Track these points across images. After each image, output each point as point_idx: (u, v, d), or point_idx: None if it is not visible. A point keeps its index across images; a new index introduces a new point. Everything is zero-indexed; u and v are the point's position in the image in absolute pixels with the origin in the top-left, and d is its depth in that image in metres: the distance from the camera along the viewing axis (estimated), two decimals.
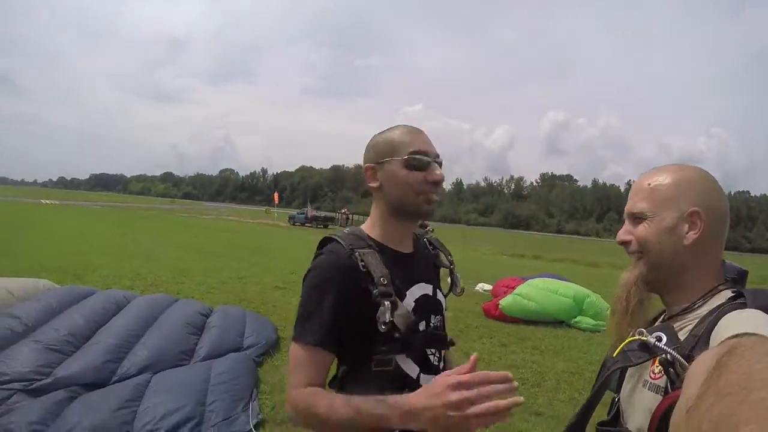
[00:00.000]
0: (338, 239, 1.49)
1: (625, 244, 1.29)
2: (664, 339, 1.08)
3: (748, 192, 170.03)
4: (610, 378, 1.20)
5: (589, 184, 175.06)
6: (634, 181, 1.35)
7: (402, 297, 1.45)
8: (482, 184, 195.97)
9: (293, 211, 59.93)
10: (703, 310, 1.13)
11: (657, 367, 1.11)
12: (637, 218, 1.25)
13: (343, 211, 55.12)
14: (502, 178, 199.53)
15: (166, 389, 4.05)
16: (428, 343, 1.51)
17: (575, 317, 9.24)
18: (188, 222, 37.15)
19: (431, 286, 1.58)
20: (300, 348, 1.39)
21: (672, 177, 1.22)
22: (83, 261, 11.76)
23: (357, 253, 1.43)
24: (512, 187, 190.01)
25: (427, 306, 1.54)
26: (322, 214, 55.66)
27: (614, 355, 1.17)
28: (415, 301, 1.49)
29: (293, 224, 48.07)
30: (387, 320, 1.34)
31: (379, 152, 1.54)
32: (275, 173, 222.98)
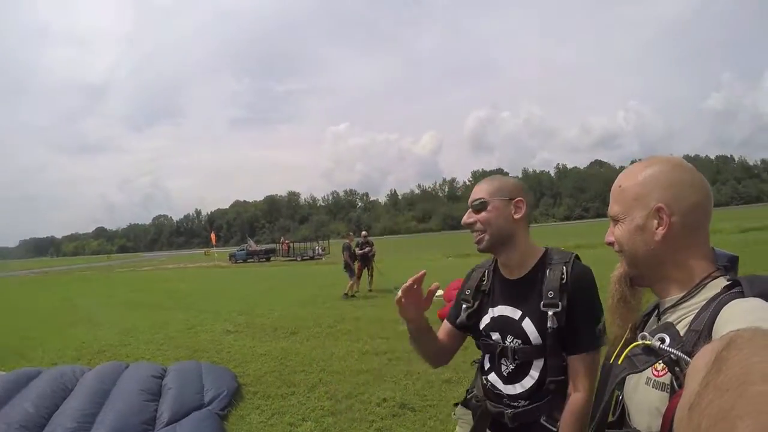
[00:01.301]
0: (480, 263, 2.11)
1: (610, 244, 1.34)
2: (668, 340, 1.08)
3: (671, 155, 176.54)
4: (620, 386, 1.22)
5: (520, 174, 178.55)
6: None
7: (484, 310, 1.96)
8: (416, 191, 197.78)
9: (233, 249, 59.09)
10: (698, 300, 1.13)
11: (660, 363, 1.10)
12: (614, 220, 1.30)
13: (282, 240, 54.69)
14: (435, 183, 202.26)
15: None
16: (494, 351, 1.90)
17: None
18: (127, 277, 36.12)
19: (520, 312, 1.86)
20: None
21: (639, 175, 1.24)
22: (24, 337, 11.26)
23: (475, 270, 2.08)
24: (446, 189, 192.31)
25: (504, 325, 1.88)
26: (263, 247, 55.12)
27: (619, 362, 1.18)
28: (495, 317, 1.91)
29: (235, 262, 47.59)
30: (461, 317, 2.01)
31: None
32: (209, 212, 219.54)
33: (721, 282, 1.13)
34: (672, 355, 1.04)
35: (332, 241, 58.98)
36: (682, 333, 1.08)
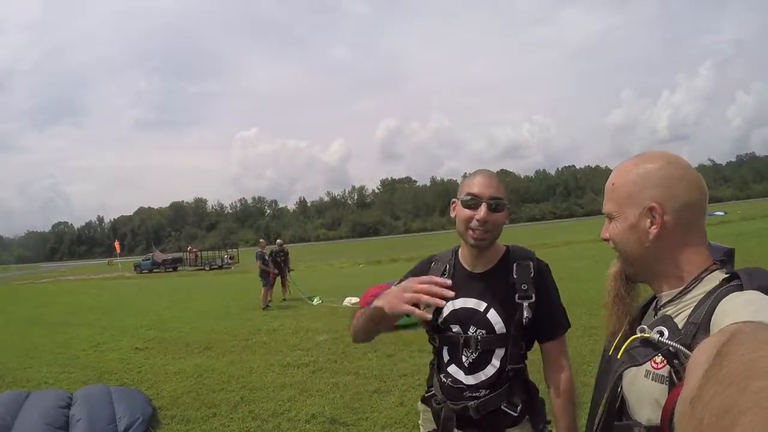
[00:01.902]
0: (435, 254, 2.18)
1: (606, 241, 1.33)
2: (666, 333, 1.08)
3: (574, 165, 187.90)
4: (619, 380, 1.20)
5: (428, 183, 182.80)
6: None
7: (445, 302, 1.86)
8: (326, 198, 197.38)
9: (138, 258, 57.11)
10: (696, 293, 1.13)
11: (658, 356, 1.09)
12: (608, 217, 1.29)
13: (190, 249, 53.36)
14: (345, 190, 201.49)
15: None
16: (455, 343, 1.96)
17: None
18: (26, 290, 34.28)
19: (485, 304, 1.93)
20: None
21: (632, 173, 1.23)
22: None
23: (434, 262, 2.11)
24: (355, 197, 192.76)
25: (468, 318, 1.94)
26: (170, 256, 53.63)
27: (618, 356, 1.17)
28: (456, 309, 1.96)
29: (140, 273, 46.27)
30: (419, 310, 1.76)
31: (459, 189, 2.00)
32: (112, 220, 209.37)
33: (719, 275, 1.13)
34: (671, 348, 1.03)
35: (241, 250, 58.03)
36: (680, 326, 1.08)
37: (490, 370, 1.92)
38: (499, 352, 1.91)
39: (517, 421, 1.94)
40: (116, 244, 59.07)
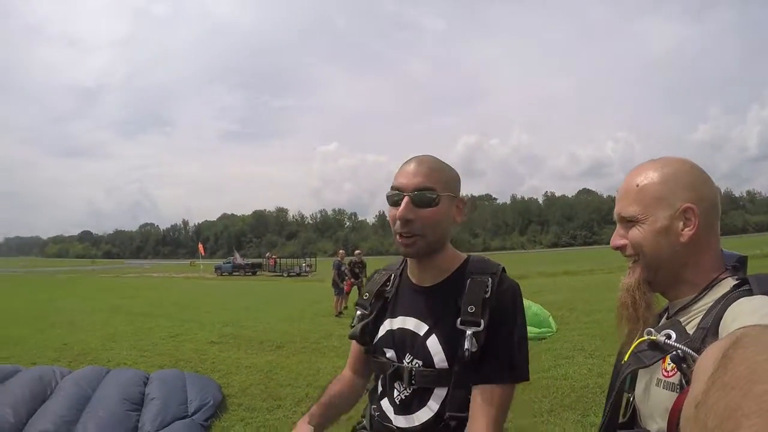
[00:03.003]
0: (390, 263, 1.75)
1: (619, 248, 1.26)
2: (674, 336, 1.07)
3: None
4: (624, 383, 1.20)
5: (508, 200, 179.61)
6: (624, 180, 1.29)
7: (383, 319, 1.59)
8: None
9: (219, 261, 58.77)
10: (708, 301, 1.12)
11: (669, 364, 1.09)
12: (630, 222, 1.23)
13: (268, 255, 54.52)
14: None
15: None
16: (386, 371, 1.53)
17: None
18: (111, 283, 35.89)
19: (426, 327, 1.48)
20: None
21: (659, 174, 1.19)
22: (3, 334, 11.04)
23: (377, 272, 1.73)
24: None
25: (403, 341, 1.52)
26: (249, 261, 54.97)
27: (625, 358, 1.15)
28: (393, 329, 1.54)
29: (221, 275, 47.39)
30: (352, 323, 1.63)
31: None
32: (197, 224, 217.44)
33: (730, 282, 1.12)
34: (679, 351, 1.02)
35: (319, 259, 58.74)
36: (690, 331, 1.07)
37: (424, 415, 1.46)
38: (439, 393, 1.44)
39: None
40: (201, 246, 61.22)
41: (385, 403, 1.55)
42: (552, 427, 4.88)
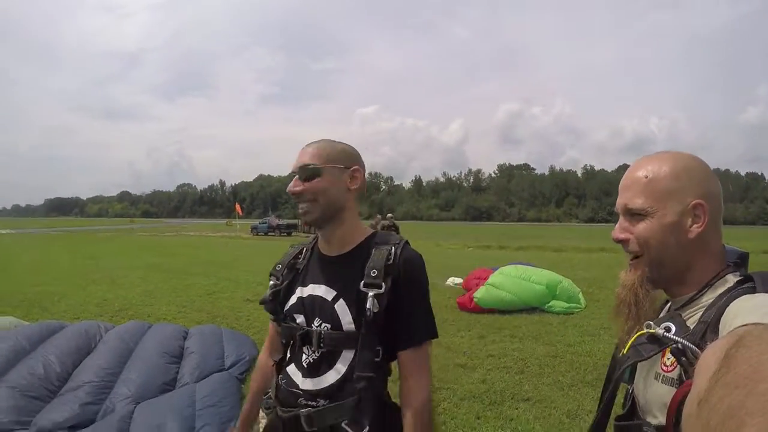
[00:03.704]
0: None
1: (622, 242, 1.25)
2: (673, 329, 1.06)
3: None
4: (623, 375, 1.19)
5: (546, 172, 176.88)
6: (626, 171, 1.29)
7: (293, 288, 1.71)
8: (441, 179, 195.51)
9: (255, 222, 59.31)
10: (710, 297, 1.12)
11: (668, 358, 1.10)
12: (636, 215, 1.20)
13: None
14: (461, 172, 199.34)
15: (152, 419, 3.94)
16: (294, 336, 1.64)
17: (548, 303, 9.34)
18: (150, 241, 36.47)
19: (334, 292, 1.61)
20: None
21: (669, 167, 1.17)
22: (46, 291, 11.43)
23: (292, 246, 1.87)
24: (471, 180, 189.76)
25: (312, 307, 1.63)
26: (285, 222, 55.23)
27: (624, 351, 1.15)
28: (303, 297, 1.66)
29: (256, 234, 47.87)
30: (265, 294, 1.75)
31: None
32: (233, 184, 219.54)
33: (732, 278, 1.12)
34: (679, 345, 1.02)
35: None
36: (691, 326, 1.07)
37: (332, 376, 1.57)
38: (347, 355, 1.56)
39: None
40: (237, 206, 61.69)
41: (291, 368, 1.65)
42: (571, 401, 5.01)
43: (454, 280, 12.55)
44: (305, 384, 1.60)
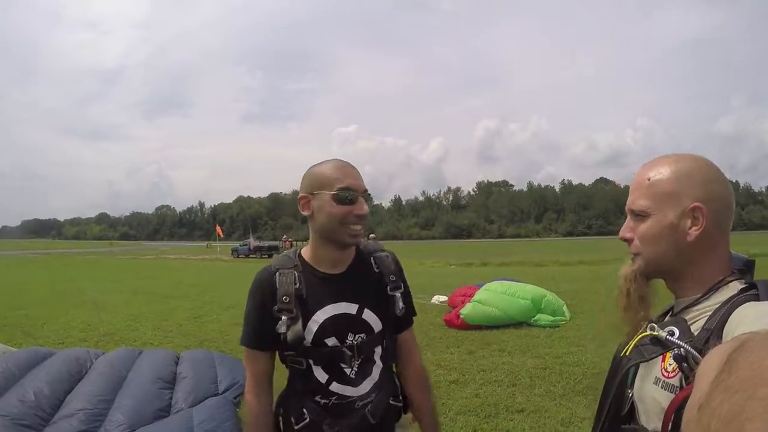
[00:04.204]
0: (272, 263, 1.82)
1: (627, 241, 1.29)
2: (677, 333, 1.09)
3: None
4: (626, 376, 1.24)
5: (525, 188, 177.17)
6: (635, 174, 1.31)
7: (309, 314, 1.72)
8: (420, 198, 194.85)
9: (235, 244, 59.03)
10: (713, 302, 1.12)
11: (670, 364, 1.10)
12: (638, 216, 1.24)
13: (285, 238, 54.66)
14: (440, 191, 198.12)
15: None
16: (335, 358, 1.74)
17: (534, 317, 9.44)
18: (130, 264, 36.26)
19: (357, 305, 1.77)
20: (245, 349, 1.81)
21: (671, 170, 1.20)
22: (28, 315, 11.35)
23: (278, 274, 1.75)
24: (450, 198, 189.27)
25: (344, 325, 1.75)
26: (266, 243, 55.12)
27: (627, 352, 1.19)
28: (327, 318, 1.73)
29: (237, 257, 47.70)
30: (282, 332, 1.66)
31: (313, 184, 1.75)
32: (213, 206, 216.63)
33: (737, 285, 1.13)
34: (681, 350, 1.04)
35: None
36: (694, 332, 1.07)
37: (375, 372, 1.80)
38: (378, 350, 1.81)
39: (401, 412, 1.93)
40: (218, 228, 61.60)
41: (336, 386, 1.74)
42: (563, 410, 5.09)
43: (439, 298, 12.59)
44: (358, 390, 1.76)
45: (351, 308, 1.76)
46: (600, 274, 19.53)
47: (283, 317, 1.68)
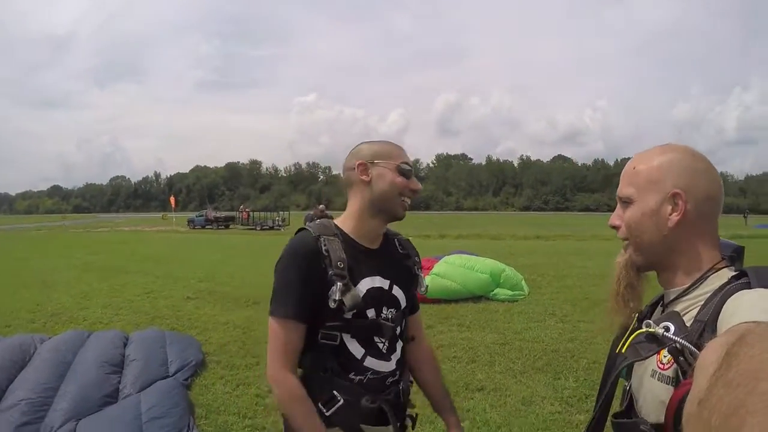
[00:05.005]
0: (308, 227, 1.71)
1: (615, 228, 1.29)
2: (672, 328, 1.06)
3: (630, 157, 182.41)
4: (620, 373, 1.22)
5: (483, 161, 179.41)
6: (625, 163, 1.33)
7: (354, 284, 1.65)
8: None
9: (192, 215, 58.26)
10: (704, 291, 1.12)
11: (665, 356, 1.09)
12: (625, 202, 1.25)
13: (242, 208, 54.19)
14: None
15: None
16: (374, 330, 1.70)
17: (493, 291, 9.48)
18: (83, 238, 35.17)
19: (389, 281, 1.75)
20: (276, 322, 1.62)
21: (656, 159, 1.21)
22: None
23: (322, 239, 1.65)
24: None
25: (379, 298, 1.72)
26: (222, 214, 54.56)
27: (623, 350, 1.16)
28: (366, 291, 1.68)
29: (193, 228, 47.11)
30: (337, 298, 1.58)
31: (375, 154, 1.74)
32: (169, 176, 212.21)
33: (727, 273, 1.13)
34: (677, 344, 1.03)
35: (292, 213, 58.52)
36: (688, 323, 1.07)
37: (398, 349, 1.79)
38: (400, 328, 1.80)
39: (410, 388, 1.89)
40: (172, 199, 60.90)
41: (370, 361, 1.69)
42: (524, 388, 5.07)
43: None
44: (388, 366, 1.74)
45: (384, 283, 1.76)
46: (558, 250, 19.89)
47: (339, 283, 1.60)
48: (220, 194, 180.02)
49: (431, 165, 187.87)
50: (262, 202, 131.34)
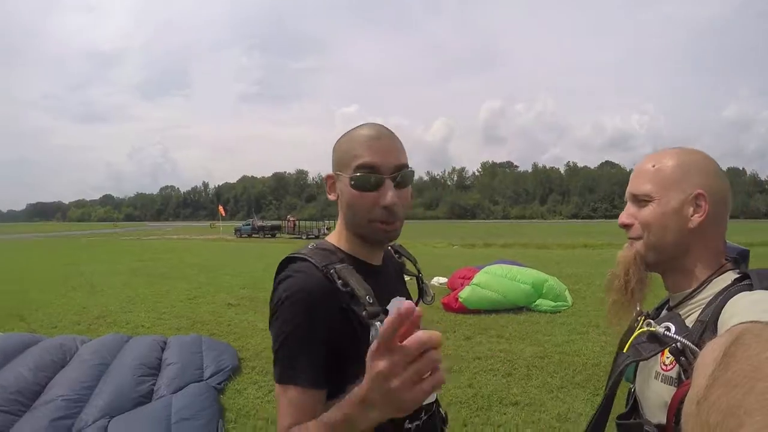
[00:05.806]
0: (306, 257, 1.24)
1: (626, 227, 1.28)
2: (673, 328, 1.07)
3: None
4: (622, 374, 1.18)
5: (529, 169, 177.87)
6: (635, 165, 1.32)
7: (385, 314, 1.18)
8: (425, 178, 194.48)
9: (238, 223, 59.09)
10: (707, 294, 1.13)
11: (668, 357, 1.10)
12: (642, 200, 1.23)
13: (288, 218, 54.66)
14: (444, 171, 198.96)
15: None
16: None
17: (535, 302, 9.27)
18: (132, 245, 36.06)
19: (403, 298, 1.40)
20: (285, 391, 1.14)
21: (676, 159, 1.20)
22: (25, 299, 11.23)
23: (333, 270, 1.19)
24: (455, 178, 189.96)
25: None
26: (269, 223, 55.17)
27: (624, 350, 1.16)
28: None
29: (240, 236, 47.61)
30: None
31: (337, 160, 1.31)
32: (217, 186, 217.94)
33: (730, 275, 1.13)
34: (678, 344, 1.03)
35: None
36: (689, 325, 1.07)
37: None
38: None
39: None
40: (221, 208, 61.79)
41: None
42: (560, 403, 4.93)
43: (439, 280, 12.44)
44: (432, 395, 1.40)
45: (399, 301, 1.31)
46: (605, 258, 19.43)
47: (378, 323, 1.12)
48: (267, 204, 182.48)
49: (477, 173, 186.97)
50: (308, 212, 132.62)
